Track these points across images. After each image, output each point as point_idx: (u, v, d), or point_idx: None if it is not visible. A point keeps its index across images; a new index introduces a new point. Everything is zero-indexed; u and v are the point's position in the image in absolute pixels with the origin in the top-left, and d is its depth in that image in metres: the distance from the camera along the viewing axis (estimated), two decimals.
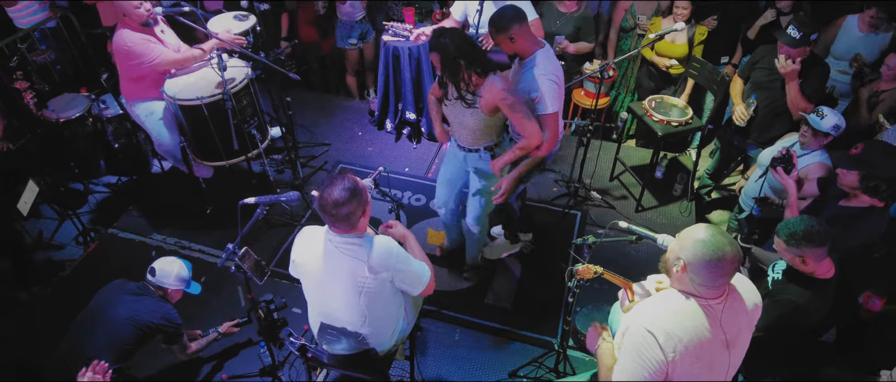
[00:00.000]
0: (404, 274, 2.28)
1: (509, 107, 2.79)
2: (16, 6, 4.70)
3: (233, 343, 3.38)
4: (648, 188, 4.40)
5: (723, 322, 1.83)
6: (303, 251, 2.36)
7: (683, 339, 1.80)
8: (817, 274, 2.43)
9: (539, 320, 3.54)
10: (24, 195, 3.69)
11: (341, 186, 2.11)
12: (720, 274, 1.77)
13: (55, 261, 4.01)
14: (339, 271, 2.25)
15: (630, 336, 1.89)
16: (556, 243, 3.99)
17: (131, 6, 3.43)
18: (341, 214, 2.11)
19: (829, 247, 2.37)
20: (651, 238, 2.28)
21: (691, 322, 1.82)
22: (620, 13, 4.73)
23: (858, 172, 2.65)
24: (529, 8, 3.79)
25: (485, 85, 2.80)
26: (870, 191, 2.67)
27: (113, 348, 2.68)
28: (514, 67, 3.13)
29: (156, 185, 4.56)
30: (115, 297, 2.80)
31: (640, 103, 4.19)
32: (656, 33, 3.83)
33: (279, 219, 4.15)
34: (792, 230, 2.37)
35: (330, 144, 4.94)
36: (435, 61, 2.83)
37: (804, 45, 3.32)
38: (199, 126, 3.65)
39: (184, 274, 2.93)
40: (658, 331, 1.81)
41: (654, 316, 1.86)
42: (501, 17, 2.86)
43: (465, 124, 2.96)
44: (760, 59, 3.70)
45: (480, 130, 2.97)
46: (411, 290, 2.33)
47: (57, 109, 4.25)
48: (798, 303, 2.45)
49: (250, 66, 3.84)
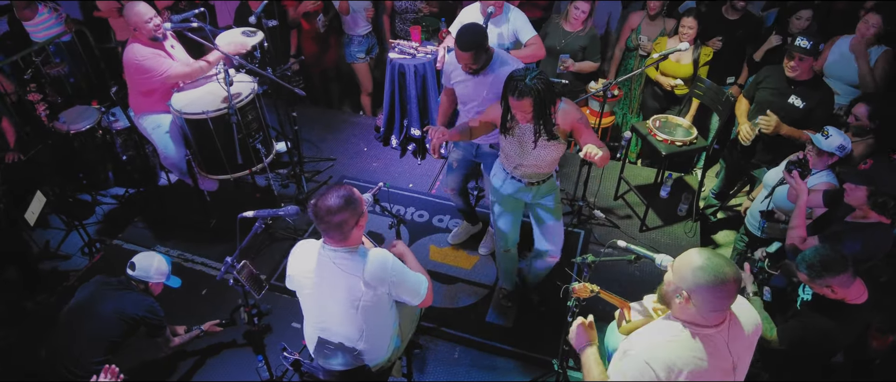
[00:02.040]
0: (401, 285, 2.28)
1: (584, 123, 2.75)
2: (33, 20, 4.82)
3: (217, 341, 3.43)
4: (653, 207, 4.37)
5: (730, 348, 1.80)
6: (298, 264, 2.37)
7: (684, 371, 1.76)
8: (848, 299, 2.42)
9: (540, 339, 3.50)
10: (32, 205, 3.74)
11: (336, 194, 2.13)
12: (724, 296, 1.73)
13: (61, 271, 4.05)
14: (334, 285, 2.25)
15: (629, 365, 1.85)
16: (559, 261, 3.96)
17: (141, 21, 3.51)
18: (334, 222, 2.12)
19: (853, 271, 2.35)
20: (650, 257, 2.26)
21: (692, 355, 1.78)
22: (626, 32, 4.75)
23: (867, 188, 2.64)
24: (528, 26, 3.83)
25: (558, 113, 2.74)
26: (878, 207, 2.66)
27: (100, 342, 2.74)
28: (475, 79, 3.15)
29: (162, 198, 4.61)
30: (98, 293, 2.86)
31: (645, 123, 4.19)
32: (659, 53, 3.83)
33: (282, 233, 4.17)
34: (809, 261, 2.37)
35: (335, 159, 4.98)
36: (526, 106, 2.58)
37: (813, 56, 3.36)
38: (205, 139, 3.69)
39: (163, 268, 2.99)
40: (658, 363, 1.78)
41: (654, 348, 1.82)
42: (476, 34, 2.97)
43: (545, 158, 2.86)
44: (765, 79, 3.70)
45: (558, 157, 2.93)
46: (410, 301, 2.33)
47: (68, 121, 4.33)
48: (826, 330, 2.45)
49: (257, 82, 3.89)
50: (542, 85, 2.54)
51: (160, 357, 3.16)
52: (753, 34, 4.53)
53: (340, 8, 4.92)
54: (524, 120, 2.67)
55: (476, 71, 3.10)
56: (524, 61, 3.98)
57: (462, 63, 3.07)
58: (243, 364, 3.34)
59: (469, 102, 3.30)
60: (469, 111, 3.31)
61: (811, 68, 3.45)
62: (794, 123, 3.50)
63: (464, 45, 2.94)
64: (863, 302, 2.44)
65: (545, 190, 3.07)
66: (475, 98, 3.24)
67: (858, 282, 2.43)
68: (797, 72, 3.42)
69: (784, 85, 3.55)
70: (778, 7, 4.84)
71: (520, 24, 3.84)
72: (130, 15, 3.53)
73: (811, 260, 2.38)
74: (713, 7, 4.70)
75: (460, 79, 3.24)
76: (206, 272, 3.96)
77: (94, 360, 2.72)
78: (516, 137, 2.81)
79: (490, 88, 3.15)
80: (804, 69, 3.42)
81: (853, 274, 2.37)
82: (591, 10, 4.27)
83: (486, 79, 3.14)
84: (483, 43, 2.99)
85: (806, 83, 3.46)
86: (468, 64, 3.04)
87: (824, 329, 2.40)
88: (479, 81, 3.16)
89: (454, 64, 3.23)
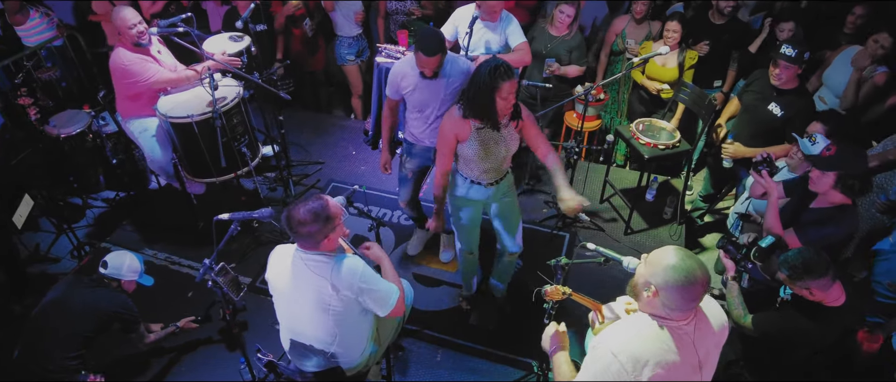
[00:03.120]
0: (370, 293, 2.29)
1: (532, 120, 2.92)
2: (24, 25, 4.87)
3: (195, 338, 3.49)
4: (638, 211, 4.39)
5: (695, 345, 1.83)
6: (274, 267, 2.40)
7: (651, 362, 1.78)
8: (826, 302, 2.47)
9: (521, 342, 3.52)
10: (20, 208, 3.78)
11: (307, 207, 2.17)
12: (691, 297, 1.77)
13: (49, 275, 4.09)
14: (305, 287, 2.28)
15: (595, 358, 1.88)
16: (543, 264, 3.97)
17: (125, 26, 3.56)
18: (302, 233, 2.16)
19: (833, 275, 2.39)
20: (617, 260, 2.29)
21: (659, 346, 1.81)
22: (612, 36, 4.78)
23: (836, 173, 2.68)
24: (519, 33, 3.88)
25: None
26: (846, 189, 2.71)
27: (73, 338, 2.79)
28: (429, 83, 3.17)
29: (151, 201, 4.64)
30: (69, 290, 2.91)
31: (628, 126, 4.20)
32: (641, 57, 3.86)
33: (268, 236, 4.20)
34: (791, 263, 2.43)
35: (324, 163, 5.01)
36: (514, 87, 2.66)
37: (797, 64, 3.36)
38: (190, 143, 3.73)
39: (136, 266, 3.04)
40: (624, 355, 1.80)
41: (621, 340, 1.85)
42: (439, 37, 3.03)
43: (511, 150, 2.94)
44: (754, 82, 3.73)
45: (515, 150, 3.00)
46: (377, 310, 2.35)
47: (58, 125, 4.36)
48: (804, 329, 2.51)
49: (242, 86, 3.92)
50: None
51: (135, 352, 3.22)
52: (740, 39, 4.55)
53: (325, 6, 4.97)
54: (511, 104, 2.69)
55: (435, 73, 3.12)
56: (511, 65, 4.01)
57: (427, 68, 3.06)
58: (226, 365, 3.37)
59: (427, 107, 3.29)
60: (429, 117, 3.31)
61: (796, 76, 3.45)
62: (771, 131, 3.52)
63: (431, 51, 2.96)
64: (841, 305, 2.47)
65: (505, 186, 3.13)
66: (432, 101, 3.25)
67: (837, 286, 2.47)
68: (781, 79, 3.42)
69: (767, 91, 3.56)
70: (764, 12, 4.86)
71: (512, 29, 3.89)
72: (116, 19, 3.59)
73: (793, 261, 2.42)
74: (700, 11, 4.73)
75: (411, 87, 3.24)
76: (192, 274, 3.99)
77: (67, 356, 2.77)
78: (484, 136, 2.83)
79: (445, 89, 3.19)
80: (788, 77, 3.40)
81: (833, 277, 2.41)
82: (576, 14, 4.29)
83: (441, 80, 3.17)
84: (445, 46, 3.05)
85: (789, 92, 3.47)
86: (434, 68, 3.06)
87: (802, 327, 2.44)
88: (435, 84, 3.18)
89: (402, 73, 3.23)
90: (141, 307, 3.11)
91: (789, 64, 3.36)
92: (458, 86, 3.16)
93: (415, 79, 3.19)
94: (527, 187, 4.70)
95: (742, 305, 2.74)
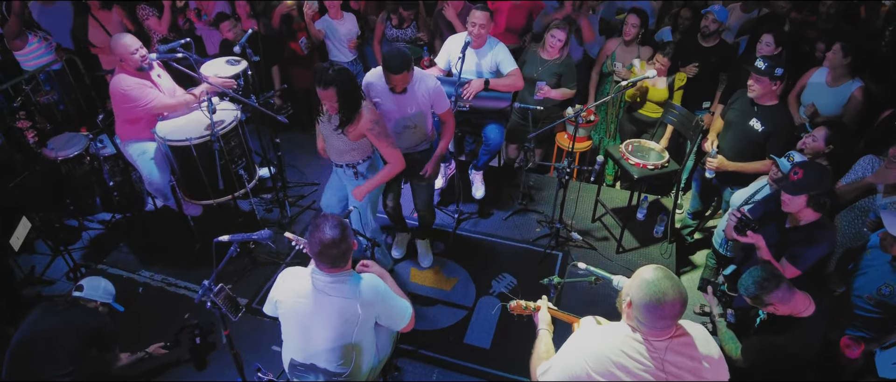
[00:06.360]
0: (390, 309, 2.34)
1: (375, 133, 3.14)
2: (23, 50, 4.93)
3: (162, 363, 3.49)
4: (629, 229, 4.46)
5: (665, 362, 1.87)
6: (287, 291, 2.39)
7: (613, 363, 1.88)
8: (796, 313, 2.54)
9: (517, 361, 3.54)
10: (17, 231, 3.80)
11: (330, 225, 2.19)
12: (659, 316, 1.83)
13: (45, 297, 4.08)
14: (326, 312, 2.29)
15: (565, 352, 2.04)
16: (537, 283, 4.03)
17: (127, 53, 3.63)
18: (339, 252, 2.19)
19: (788, 284, 2.45)
20: (607, 278, 2.36)
21: (624, 349, 1.90)
22: (603, 57, 4.91)
23: (807, 194, 2.77)
24: (510, 59, 4.00)
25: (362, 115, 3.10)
26: (818, 206, 2.81)
27: (57, 358, 2.84)
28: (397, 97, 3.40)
29: (148, 223, 4.67)
30: (46, 316, 2.98)
31: (618, 146, 4.30)
32: (627, 81, 3.97)
33: (265, 258, 4.23)
34: (746, 286, 2.53)
35: (318, 184, 5.06)
36: (331, 95, 2.94)
37: (767, 76, 3.44)
38: (188, 166, 3.78)
39: (111, 289, 3.17)
40: (589, 353, 1.93)
41: (592, 339, 1.99)
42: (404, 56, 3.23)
43: (334, 145, 3.29)
44: (736, 100, 3.83)
45: (357, 146, 3.27)
46: (394, 326, 2.39)
47: (56, 147, 4.41)
48: (779, 345, 2.55)
49: (240, 109, 4.00)
50: (346, 77, 2.90)
51: (109, 371, 3.25)
52: (727, 61, 4.69)
53: (314, 35, 5.09)
54: (332, 110, 3.02)
55: (404, 89, 3.33)
56: (503, 90, 4.15)
57: (397, 85, 3.28)
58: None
59: (393, 118, 3.50)
60: (396, 125, 3.53)
61: (774, 93, 3.55)
62: (752, 145, 3.62)
63: (397, 69, 3.17)
64: (812, 314, 2.54)
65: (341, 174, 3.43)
66: (398, 114, 3.48)
67: (799, 295, 2.53)
68: (755, 92, 3.52)
69: (748, 107, 3.67)
70: (748, 35, 5.01)
71: (502, 56, 4.09)
72: (117, 47, 3.65)
73: (747, 284, 2.53)
74: (689, 35, 4.87)
75: (378, 98, 3.46)
76: (189, 296, 4.01)
77: (58, 373, 2.81)
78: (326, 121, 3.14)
79: (414, 102, 3.43)
80: (763, 90, 3.49)
81: (790, 287, 2.49)
82: (567, 39, 4.40)
83: (409, 95, 3.40)
84: (411, 63, 3.27)
85: (769, 108, 3.57)
86: (402, 84, 3.28)
87: (778, 344, 2.50)
88: (404, 98, 3.41)
89: (370, 84, 3.45)
90: (130, 327, 3.19)
91: (760, 76, 3.45)
92: (423, 101, 3.45)
93: (382, 89, 3.41)
94: (520, 207, 4.77)
95: (733, 340, 2.80)
